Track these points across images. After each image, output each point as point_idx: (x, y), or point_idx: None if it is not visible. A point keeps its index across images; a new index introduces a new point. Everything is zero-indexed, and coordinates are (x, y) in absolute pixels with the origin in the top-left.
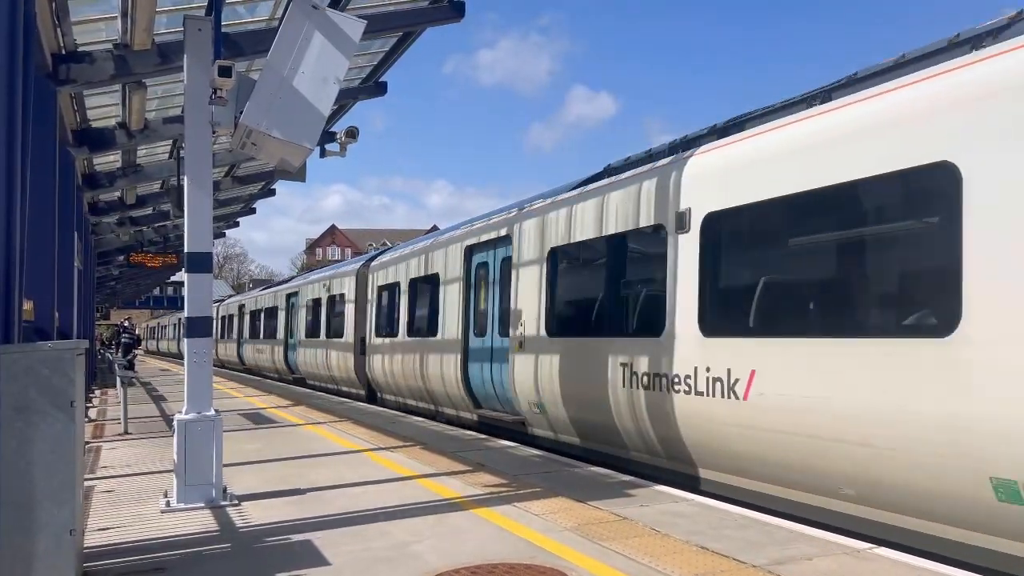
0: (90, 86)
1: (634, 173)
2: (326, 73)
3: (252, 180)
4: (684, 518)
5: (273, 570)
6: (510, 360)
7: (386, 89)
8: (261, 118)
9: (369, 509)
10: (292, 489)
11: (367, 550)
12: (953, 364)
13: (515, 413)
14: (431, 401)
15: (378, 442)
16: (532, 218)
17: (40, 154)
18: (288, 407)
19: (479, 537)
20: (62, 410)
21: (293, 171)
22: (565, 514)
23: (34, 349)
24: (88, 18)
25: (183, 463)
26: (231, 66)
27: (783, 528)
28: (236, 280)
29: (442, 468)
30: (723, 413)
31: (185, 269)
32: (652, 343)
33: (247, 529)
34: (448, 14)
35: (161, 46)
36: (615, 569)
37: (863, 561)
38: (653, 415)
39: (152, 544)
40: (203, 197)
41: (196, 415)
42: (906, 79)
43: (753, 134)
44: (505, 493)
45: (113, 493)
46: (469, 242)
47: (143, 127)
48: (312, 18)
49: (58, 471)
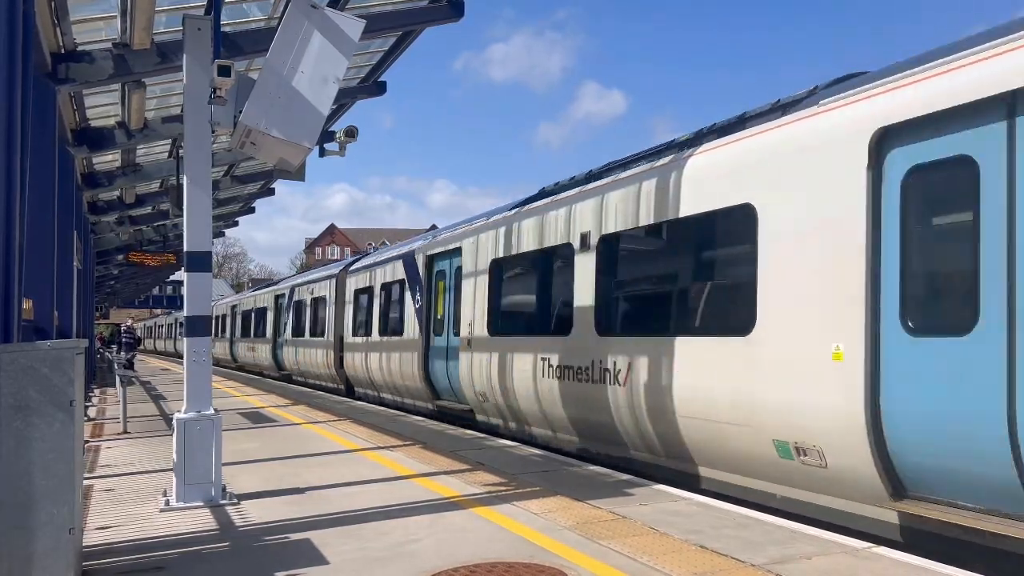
0: (89, 85)
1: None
2: (325, 72)
3: (251, 179)
4: (683, 517)
5: (272, 569)
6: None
7: (385, 89)
8: (260, 117)
9: (368, 508)
10: (291, 488)
11: (366, 549)
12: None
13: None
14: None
15: (377, 441)
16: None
17: (39, 153)
18: (287, 406)
19: (478, 536)
20: (61, 409)
21: (292, 170)
22: (564, 513)
23: (33, 348)
24: (87, 17)
25: (182, 462)
26: (230, 65)
27: (783, 527)
28: (235, 279)
29: (441, 467)
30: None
31: (184, 268)
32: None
33: (246, 528)
34: (447, 14)
35: (160, 45)
36: (614, 568)
37: (862, 560)
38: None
39: (151, 543)
40: (202, 196)
41: (196, 414)
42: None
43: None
44: (504, 492)
45: (112, 492)
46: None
47: (142, 126)
48: (311, 18)
49: (57, 470)
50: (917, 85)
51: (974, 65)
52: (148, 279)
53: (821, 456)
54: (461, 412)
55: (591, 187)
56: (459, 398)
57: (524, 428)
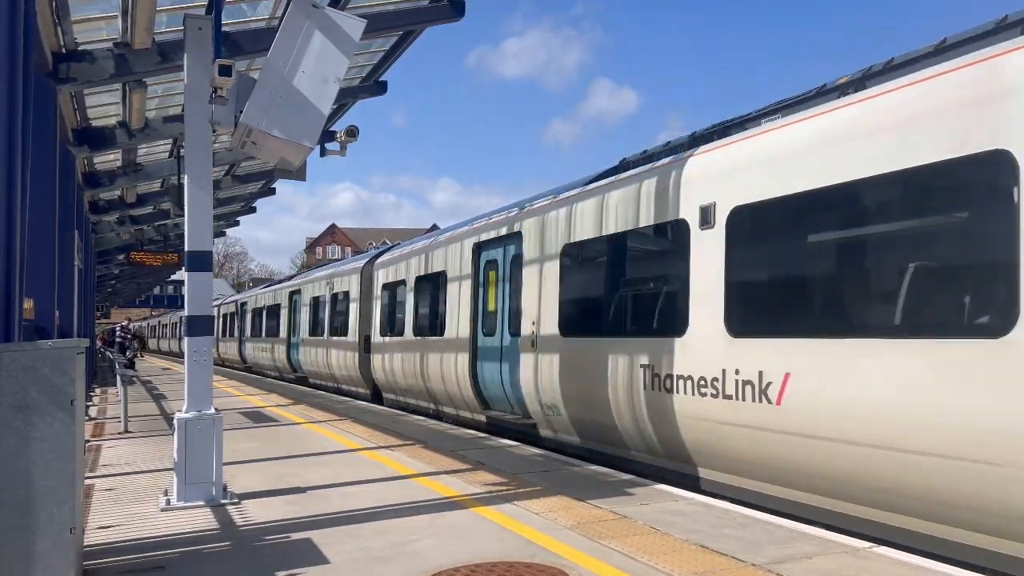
0: (90, 85)
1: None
2: (326, 72)
3: (252, 179)
4: (684, 517)
5: (273, 568)
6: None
7: (386, 88)
8: (261, 117)
9: (369, 508)
10: (292, 488)
11: (366, 548)
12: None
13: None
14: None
15: (378, 441)
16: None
17: (40, 153)
18: (288, 406)
19: (479, 536)
20: (62, 409)
21: (293, 170)
22: (565, 513)
23: (34, 348)
24: (88, 17)
25: (183, 461)
26: (231, 65)
27: (783, 527)
28: (236, 279)
29: (442, 467)
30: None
31: (185, 268)
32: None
33: (247, 527)
34: (448, 13)
35: (161, 45)
36: (615, 568)
37: (863, 560)
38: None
39: (152, 542)
40: (203, 196)
41: (196, 414)
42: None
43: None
44: (505, 492)
45: (113, 491)
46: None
47: (143, 126)
48: (312, 17)
49: (58, 470)
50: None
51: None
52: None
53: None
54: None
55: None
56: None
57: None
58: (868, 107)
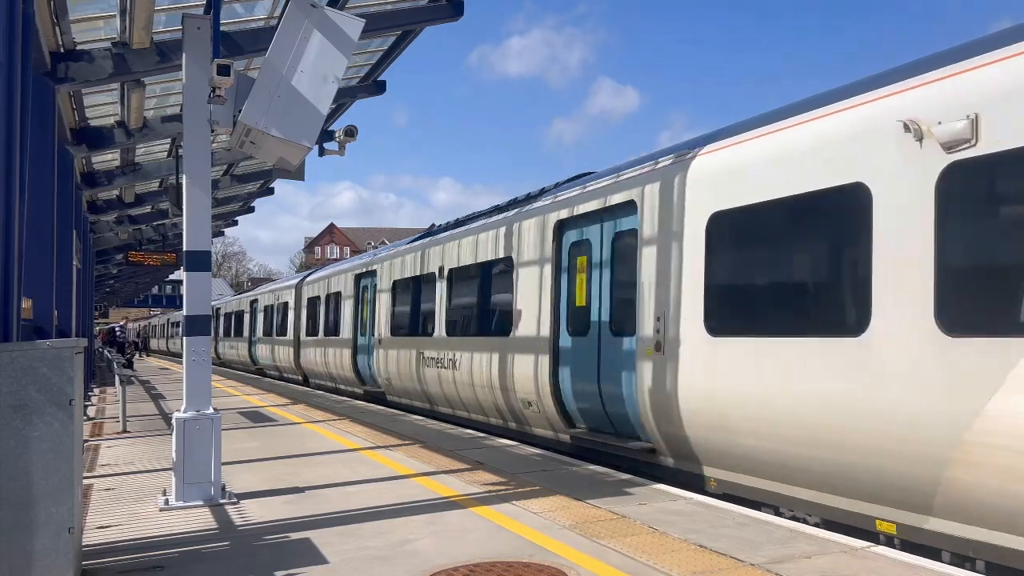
0: (89, 84)
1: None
2: (325, 72)
3: (251, 179)
4: (682, 516)
5: (271, 568)
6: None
7: (385, 88)
8: (260, 117)
9: (367, 507)
10: (291, 487)
11: (365, 548)
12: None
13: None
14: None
15: (377, 440)
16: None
17: (39, 153)
18: (287, 405)
19: (477, 535)
20: (61, 408)
21: (292, 169)
22: (563, 512)
23: (33, 347)
24: (87, 16)
25: (182, 461)
26: (230, 65)
27: (782, 527)
28: (235, 279)
29: (441, 466)
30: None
31: (184, 268)
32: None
33: (246, 527)
34: (446, 13)
35: (160, 44)
36: (613, 567)
37: (861, 559)
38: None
39: (151, 542)
40: (202, 196)
41: (195, 413)
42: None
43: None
44: (504, 491)
45: (112, 491)
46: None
47: (142, 126)
48: (311, 17)
49: (57, 469)
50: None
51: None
52: (147, 278)
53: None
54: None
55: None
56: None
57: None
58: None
